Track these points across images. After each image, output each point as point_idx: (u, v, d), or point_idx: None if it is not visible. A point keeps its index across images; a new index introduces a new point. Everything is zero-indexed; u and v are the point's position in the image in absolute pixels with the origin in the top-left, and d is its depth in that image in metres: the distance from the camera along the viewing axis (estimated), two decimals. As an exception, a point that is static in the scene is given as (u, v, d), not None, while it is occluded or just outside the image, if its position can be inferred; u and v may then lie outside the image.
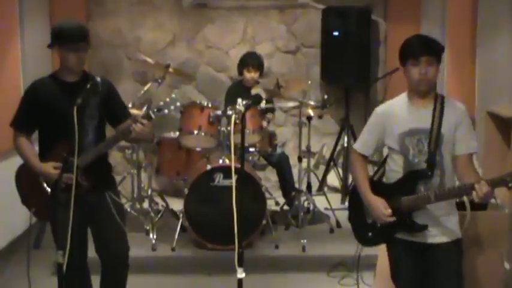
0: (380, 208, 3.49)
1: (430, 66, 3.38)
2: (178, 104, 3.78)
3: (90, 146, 3.86)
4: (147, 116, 3.74)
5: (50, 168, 3.80)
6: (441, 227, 3.47)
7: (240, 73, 6.44)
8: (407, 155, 3.47)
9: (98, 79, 3.90)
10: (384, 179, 3.67)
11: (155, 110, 3.74)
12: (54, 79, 3.91)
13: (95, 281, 4.19)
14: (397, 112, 3.53)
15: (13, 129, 3.96)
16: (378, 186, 3.61)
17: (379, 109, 3.66)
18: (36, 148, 4.00)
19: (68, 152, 3.66)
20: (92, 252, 4.09)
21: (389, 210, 3.46)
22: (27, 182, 3.94)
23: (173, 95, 3.81)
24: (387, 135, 3.55)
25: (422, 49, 3.37)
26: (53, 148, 3.83)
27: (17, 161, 4.03)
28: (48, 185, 3.84)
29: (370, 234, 3.67)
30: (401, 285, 3.59)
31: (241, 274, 3.31)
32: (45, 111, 3.84)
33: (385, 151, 3.66)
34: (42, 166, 3.84)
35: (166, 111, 3.77)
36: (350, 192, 3.90)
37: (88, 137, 3.86)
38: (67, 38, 3.76)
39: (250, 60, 6.35)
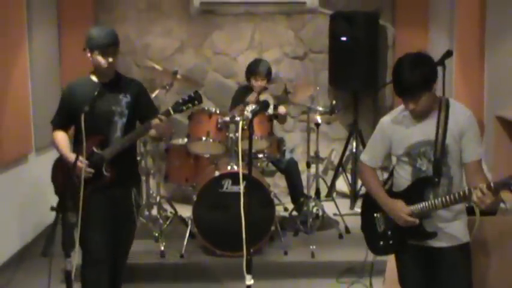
0: (400, 208, 3.46)
1: (417, 101, 3.32)
2: (196, 102, 4.08)
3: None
4: (166, 112, 4.03)
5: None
6: (450, 231, 3.46)
7: (248, 80, 6.42)
8: (415, 165, 3.47)
9: (130, 80, 4.33)
10: (393, 188, 3.65)
11: (174, 107, 4.05)
12: (89, 79, 4.19)
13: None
14: (402, 124, 3.51)
15: (51, 125, 4.30)
16: (388, 195, 3.59)
17: (385, 121, 3.63)
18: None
19: (96, 145, 4.06)
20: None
21: (409, 209, 3.43)
22: (62, 173, 4.15)
23: (192, 94, 4.09)
24: (394, 147, 3.54)
25: (403, 91, 3.32)
26: (85, 142, 4.06)
27: (23, 170, 4.07)
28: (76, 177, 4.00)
29: (381, 243, 3.65)
30: None
31: (249, 281, 3.30)
32: (78, 110, 4.00)
33: (394, 159, 3.65)
34: (71, 157, 4.04)
35: (184, 108, 4.07)
36: (362, 203, 3.87)
37: (116, 133, 4.14)
38: (95, 44, 4.05)
39: (258, 69, 6.30)
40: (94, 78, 4.18)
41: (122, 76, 4.32)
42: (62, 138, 4.23)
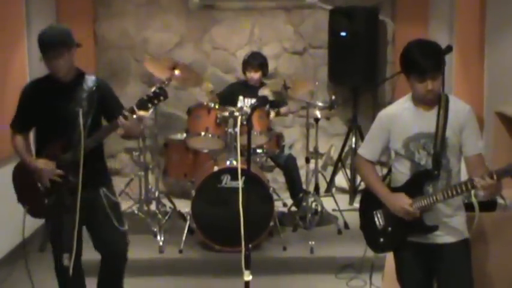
0: (401, 199, 3.43)
1: (436, 81, 3.33)
2: (162, 97, 3.81)
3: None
4: (130, 110, 3.81)
5: (42, 165, 3.93)
6: (449, 227, 3.45)
7: (244, 74, 6.53)
8: (414, 159, 3.45)
9: (93, 78, 4.03)
10: (391, 184, 3.62)
11: (138, 104, 3.81)
12: (49, 79, 4.02)
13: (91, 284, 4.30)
14: (401, 116, 3.50)
15: (11, 128, 4.14)
16: None
17: (383, 114, 3.61)
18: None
19: (60, 149, 3.87)
20: (85, 255, 4.14)
21: (410, 200, 3.41)
22: (22, 180, 4.09)
23: (155, 89, 3.84)
24: (392, 139, 3.52)
25: (428, 68, 3.29)
26: (48, 146, 3.97)
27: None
28: (41, 183, 3.95)
29: (381, 240, 3.63)
30: (406, 286, 3.59)
31: (248, 277, 3.29)
32: (39, 111, 3.95)
33: (392, 154, 3.63)
34: (35, 163, 3.97)
35: (149, 105, 3.81)
36: (360, 201, 3.86)
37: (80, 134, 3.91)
38: (39, 47, 3.89)
39: (251, 61, 6.46)
40: (54, 77, 3.97)
41: (85, 74, 4.05)
42: (22, 144, 4.10)
